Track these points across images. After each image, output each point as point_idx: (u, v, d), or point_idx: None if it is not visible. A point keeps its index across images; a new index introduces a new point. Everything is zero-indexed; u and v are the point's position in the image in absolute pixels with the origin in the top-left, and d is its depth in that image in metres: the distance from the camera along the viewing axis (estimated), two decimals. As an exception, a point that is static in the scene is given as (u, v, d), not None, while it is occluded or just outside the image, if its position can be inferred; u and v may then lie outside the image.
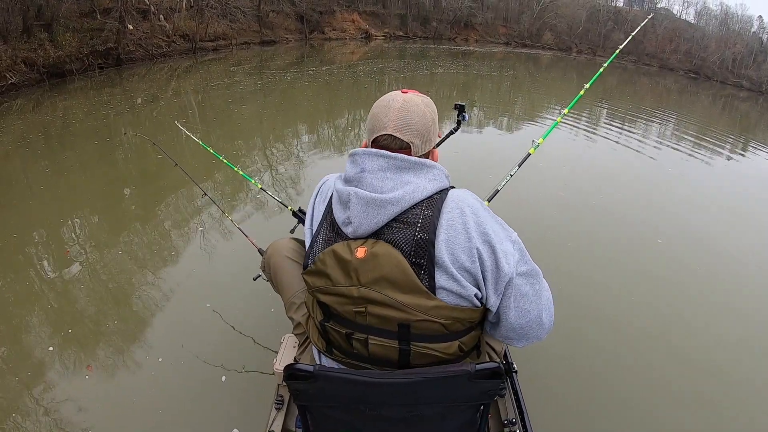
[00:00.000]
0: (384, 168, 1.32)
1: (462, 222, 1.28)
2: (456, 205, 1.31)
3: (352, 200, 1.30)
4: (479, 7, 45.63)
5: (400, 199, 1.28)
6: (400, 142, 1.37)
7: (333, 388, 1.33)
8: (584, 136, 11.07)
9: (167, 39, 19.21)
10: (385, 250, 1.27)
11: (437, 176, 1.36)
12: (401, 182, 1.31)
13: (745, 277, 5.00)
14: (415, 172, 1.33)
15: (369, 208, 1.28)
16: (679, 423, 2.96)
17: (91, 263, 4.29)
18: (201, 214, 5.17)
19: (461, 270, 1.27)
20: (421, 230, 1.26)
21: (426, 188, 1.32)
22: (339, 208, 1.36)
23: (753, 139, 15.33)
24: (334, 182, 1.46)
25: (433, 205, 1.30)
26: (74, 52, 13.89)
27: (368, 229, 1.29)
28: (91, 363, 3.17)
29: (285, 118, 10.40)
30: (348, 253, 1.30)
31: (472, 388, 1.31)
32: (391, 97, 1.43)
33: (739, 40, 45.30)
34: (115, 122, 9.09)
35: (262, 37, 26.75)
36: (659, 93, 26.99)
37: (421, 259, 1.25)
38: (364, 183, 1.32)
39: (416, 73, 19.87)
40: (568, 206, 6.23)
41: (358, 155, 1.37)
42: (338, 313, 1.36)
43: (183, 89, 13.56)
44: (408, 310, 1.26)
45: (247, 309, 3.60)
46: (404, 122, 1.37)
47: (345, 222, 1.33)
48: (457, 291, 1.27)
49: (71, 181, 6.12)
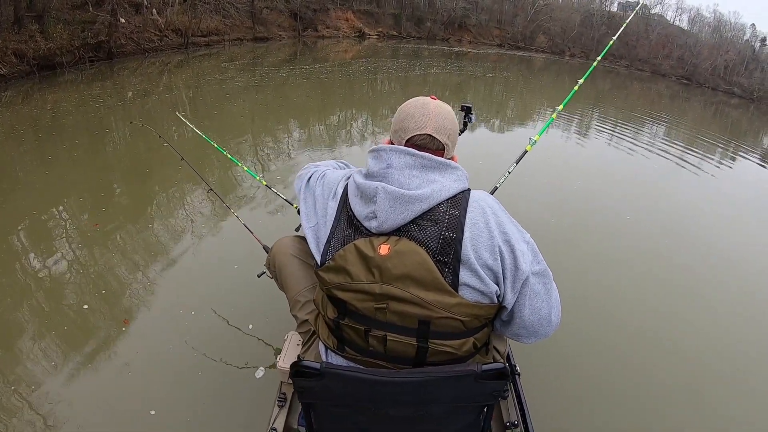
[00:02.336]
0: (411, 165, 1.36)
1: (485, 221, 1.33)
2: (478, 205, 1.36)
3: (380, 195, 1.32)
4: (473, 9, 45.78)
5: (428, 196, 1.31)
6: (438, 142, 1.43)
7: (339, 386, 1.35)
8: (576, 139, 11.18)
9: (159, 33, 19.10)
10: (409, 248, 1.29)
11: (460, 177, 1.40)
12: (427, 180, 1.34)
13: (744, 278, 5.08)
14: (441, 172, 1.37)
15: (396, 203, 1.30)
16: (682, 426, 2.98)
17: (89, 257, 4.27)
18: (205, 210, 5.17)
19: (484, 267, 1.31)
20: (448, 228, 1.30)
21: (451, 188, 1.35)
22: (360, 202, 1.38)
23: (743, 145, 15.50)
24: (344, 180, 1.50)
25: (457, 204, 1.34)
26: (65, 45, 13.74)
27: (394, 224, 1.31)
28: (127, 317, 3.40)
29: (277, 116, 10.38)
30: (371, 249, 1.31)
31: (478, 389, 1.33)
32: (424, 101, 1.48)
33: (732, 48, 45.73)
34: (106, 116, 9.02)
35: (255, 34, 26.63)
36: (651, 98, 27.18)
37: (447, 256, 1.29)
38: (391, 179, 1.35)
39: (410, 73, 19.87)
40: (564, 206, 6.30)
41: (384, 151, 1.40)
42: (356, 310, 1.37)
43: (175, 84, 13.50)
44: (430, 307, 1.28)
45: (251, 306, 3.59)
46: (442, 124, 1.43)
47: (368, 216, 1.35)
48: (479, 288, 1.31)
49: (61, 174, 6.05)
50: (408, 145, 1.42)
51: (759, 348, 3.87)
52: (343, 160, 1.99)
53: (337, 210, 1.45)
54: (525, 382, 2.25)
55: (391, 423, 1.42)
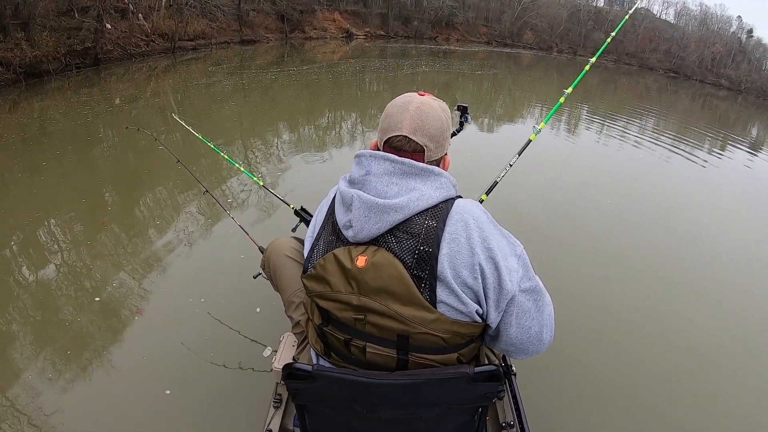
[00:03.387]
0: (390, 172, 1.29)
1: (466, 236, 1.24)
2: (461, 217, 1.26)
3: (355, 203, 1.26)
4: (460, 7, 45.82)
5: (404, 206, 1.24)
6: (414, 144, 1.33)
7: (331, 388, 1.33)
8: (565, 136, 11.24)
9: (146, 38, 19.04)
10: (385, 260, 1.24)
11: (444, 185, 1.32)
12: (406, 188, 1.27)
13: (742, 272, 5.13)
14: (422, 179, 1.29)
15: (371, 212, 1.24)
16: (680, 424, 2.99)
17: (83, 261, 4.30)
18: (201, 212, 5.20)
19: (463, 286, 1.23)
20: (424, 242, 1.23)
21: (431, 197, 1.27)
22: (341, 209, 1.33)
23: (732, 135, 15.67)
24: (329, 199, 1.45)
25: (437, 216, 1.26)
26: (51, 52, 13.70)
27: (369, 234, 1.26)
28: (140, 307, 3.49)
29: (266, 118, 10.41)
30: (348, 260, 1.27)
31: (471, 391, 1.30)
32: (407, 98, 1.38)
33: (719, 40, 46.10)
34: (94, 122, 9.00)
35: (242, 37, 26.60)
36: (639, 92, 27.32)
37: (423, 271, 1.22)
38: (369, 186, 1.29)
39: (398, 72, 19.90)
40: (555, 202, 6.36)
41: (364, 157, 1.33)
42: (337, 319, 1.34)
43: (162, 89, 13.46)
44: (408, 322, 1.24)
45: (246, 307, 3.61)
46: (420, 124, 1.32)
47: (346, 225, 1.30)
48: (458, 307, 1.24)
49: (56, 179, 6.07)
50: (387, 147, 1.36)
51: (757, 344, 3.90)
52: None
53: (325, 216, 1.42)
54: (521, 382, 2.22)
55: (385, 424, 1.40)
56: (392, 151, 1.33)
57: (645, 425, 2.94)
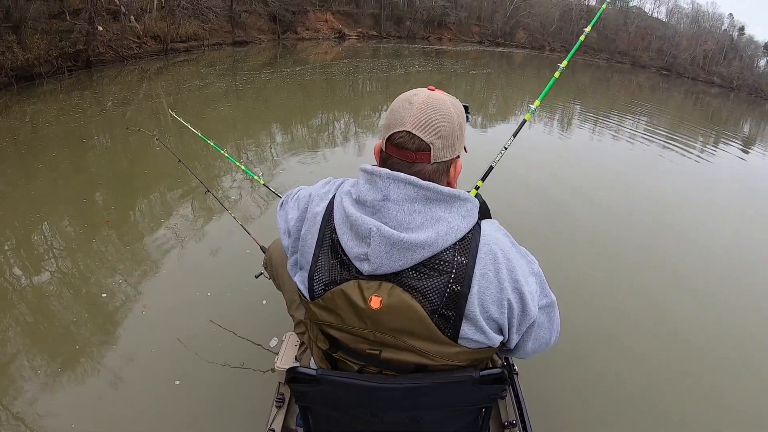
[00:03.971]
0: (412, 199, 1.13)
1: (495, 270, 1.15)
2: (489, 250, 1.16)
3: (374, 237, 1.11)
4: (453, 7, 45.84)
5: (432, 243, 1.10)
6: (419, 141, 1.16)
7: (335, 393, 1.30)
8: (558, 133, 11.31)
9: (138, 40, 18.97)
10: (403, 303, 1.13)
11: (470, 211, 1.18)
12: (432, 218, 1.13)
13: (738, 265, 5.20)
14: (447, 206, 1.14)
15: (394, 249, 1.10)
16: (682, 420, 3.00)
17: (89, 258, 4.34)
18: (202, 211, 5.25)
19: (489, 320, 1.17)
20: (456, 281, 1.12)
21: (459, 228, 1.14)
22: (350, 236, 1.16)
23: (725, 131, 15.79)
24: (327, 197, 1.29)
25: (466, 251, 1.14)
26: (43, 55, 13.62)
27: (389, 270, 1.13)
28: (147, 302, 3.55)
29: (259, 120, 10.43)
30: (360, 298, 1.15)
31: (476, 393, 1.28)
32: (414, 92, 1.23)
33: (710, 38, 46.27)
34: (87, 126, 8.98)
35: (234, 38, 26.53)
36: (632, 90, 27.44)
37: (450, 311, 1.13)
38: (387, 215, 1.13)
39: (391, 73, 19.96)
40: (551, 199, 6.42)
41: (379, 177, 1.15)
42: (348, 347, 1.26)
43: (155, 91, 13.44)
44: (428, 356, 1.18)
45: (249, 307, 3.63)
46: (426, 120, 1.16)
47: (360, 257, 1.14)
48: (481, 340, 1.18)
49: (52, 183, 6.07)
50: (389, 144, 1.20)
51: (758, 337, 3.93)
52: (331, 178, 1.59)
53: (318, 233, 1.25)
54: (523, 381, 2.23)
55: (389, 425, 1.38)
56: (394, 149, 1.19)
57: (648, 421, 2.96)
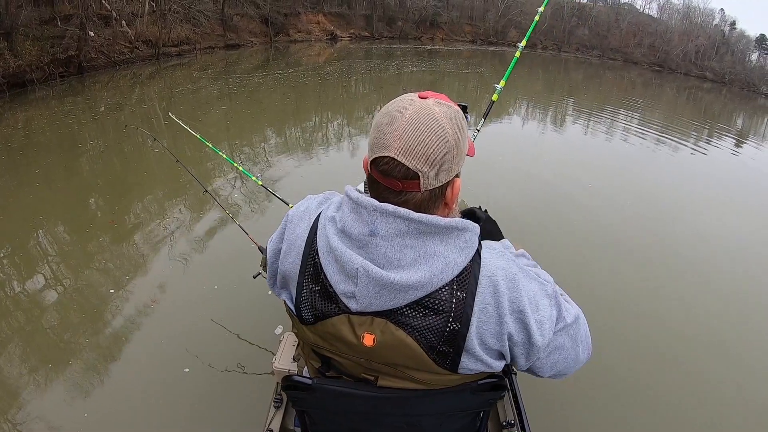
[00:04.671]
0: (403, 233, 0.99)
1: (495, 303, 1.03)
2: (489, 282, 1.03)
3: (361, 278, 0.99)
4: (444, 6, 45.93)
5: (426, 282, 0.99)
6: (405, 170, 0.98)
7: (331, 400, 1.27)
8: (552, 129, 11.34)
9: (130, 45, 18.94)
10: (398, 340, 1.04)
11: (469, 241, 1.03)
12: (425, 253, 1.00)
13: (736, 258, 5.25)
14: (443, 239, 1.01)
15: (383, 290, 0.99)
16: (678, 420, 3.02)
17: (97, 256, 4.41)
18: (199, 212, 5.28)
19: (488, 351, 1.07)
20: (455, 319, 1.01)
21: (457, 263, 1.00)
22: (336, 271, 1.04)
23: (718, 125, 15.90)
24: (312, 217, 1.16)
25: (465, 285, 1.02)
26: (35, 61, 13.59)
27: (379, 308, 1.02)
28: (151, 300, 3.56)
29: (252, 123, 10.44)
30: (351, 334, 1.06)
31: (475, 399, 1.23)
32: (401, 104, 1.01)
33: (702, 33, 46.39)
34: (81, 131, 9.00)
35: (226, 41, 26.49)
36: (625, 86, 27.53)
37: (449, 347, 1.04)
38: (375, 252, 1.00)
39: (383, 73, 19.97)
40: (545, 196, 6.48)
41: (366, 209, 1.01)
42: (344, 370, 1.19)
43: (147, 96, 13.44)
44: (425, 383, 1.12)
45: (247, 307, 3.65)
46: (413, 143, 0.97)
47: (347, 294, 1.03)
48: (481, 369, 1.09)
49: (47, 189, 6.07)
50: (374, 170, 1.03)
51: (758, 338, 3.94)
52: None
53: (303, 254, 1.13)
54: (522, 381, 2.20)
55: (386, 428, 1.34)
56: (380, 176, 1.02)
57: (646, 420, 2.98)
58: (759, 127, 20.66)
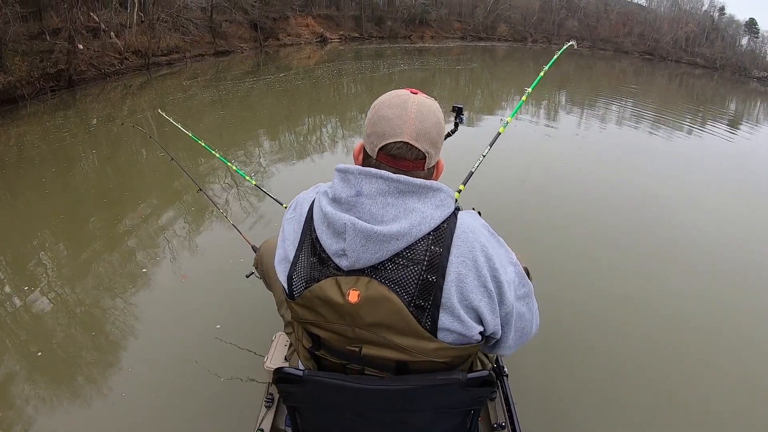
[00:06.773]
0: (385, 192, 1.14)
1: (472, 259, 1.16)
2: (466, 238, 1.17)
3: (349, 232, 1.12)
4: (433, 4, 46.02)
5: (406, 233, 1.12)
6: (417, 151, 1.18)
7: (323, 393, 1.32)
8: (545, 122, 11.39)
9: (119, 56, 18.89)
10: (380, 294, 1.15)
11: (445, 201, 1.19)
12: (405, 209, 1.14)
13: (732, 247, 5.28)
14: (421, 197, 1.16)
15: (369, 242, 1.11)
16: (670, 423, 3.01)
17: (74, 269, 4.38)
18: (193, 211, 5.34)
19: (468, 309, 1.17)
20: (428, 270, 1.13)
21: (433, 217, 1.15)
22: (329, 234, 1.18)
23: (711, 109, 15.98)
24: (311, 199, 1.30)
25: (441, 240, 1.15)
26: (24, 77, 13.53)
27: (367, 263, 1.14)
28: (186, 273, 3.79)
29: (245, 128, 10.46)
30: (338, 294, 1.17)
31: (464, 395, 1.28)
32: (402, 98, 1.21)
33: (691, 20, 46.61)
34: (72, 144, 8.99)
35: (216, 48, 26.44)
36: (616, 76, 27.63)
37: (426, 301, 1.14)
38: (361, 210, 1.14)
39: (375, 73, 20.02)
40: (538, 192, 6.46)
41: (352, 174, 1.17)
42: (331, 346, 1.29)
43: (139, 106, 13.39)
44: (407, 352, 1.19)
45: (239, 306, 3.67)
46: (423, 129, 1.18)
47: (338, 253, 1.16)
48: (460, 331, 1.17)
49: (44, 197, 6.09)
50: (381, 153, 1.19)
51: (754, 335, 3.93)
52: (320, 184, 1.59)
53: (301, 234, 1.27)
54: (513, 383, 2.24)
55: (376, 425, 1.40)
56: (389, 159, 1.19)
57: (639, 421, 2.97)
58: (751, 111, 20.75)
